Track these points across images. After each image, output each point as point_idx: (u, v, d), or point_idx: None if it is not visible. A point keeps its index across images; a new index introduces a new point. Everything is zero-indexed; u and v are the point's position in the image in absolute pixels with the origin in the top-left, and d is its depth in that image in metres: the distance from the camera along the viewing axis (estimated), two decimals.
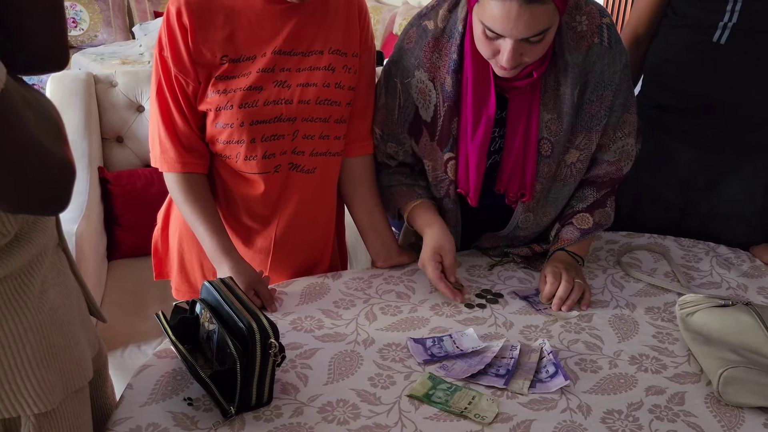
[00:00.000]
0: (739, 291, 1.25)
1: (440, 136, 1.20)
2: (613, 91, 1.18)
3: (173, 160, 1.18)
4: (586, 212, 1.25)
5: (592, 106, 1.17)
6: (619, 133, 1.23)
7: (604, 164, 1.24)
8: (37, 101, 0.64)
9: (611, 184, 1.27)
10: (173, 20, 1.11)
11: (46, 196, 0.63)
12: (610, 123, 1.21)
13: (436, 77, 1.17)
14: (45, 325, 0.70)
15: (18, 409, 0.69)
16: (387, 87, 1.24)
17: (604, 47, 1.15)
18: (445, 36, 1.17)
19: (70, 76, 1.96)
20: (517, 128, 1.17)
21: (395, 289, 1.22)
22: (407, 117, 1.23)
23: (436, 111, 1.19)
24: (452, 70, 1.15)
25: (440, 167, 1.22)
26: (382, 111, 1.25)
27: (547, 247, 1.29)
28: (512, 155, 1.18)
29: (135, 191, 1.96)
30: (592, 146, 1.21)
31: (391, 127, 1.25)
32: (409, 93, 1.20)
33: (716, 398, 0.95)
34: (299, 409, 0.91)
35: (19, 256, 0.67)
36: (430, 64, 1.17)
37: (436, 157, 1.22)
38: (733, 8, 1.31)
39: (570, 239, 1.24)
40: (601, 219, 1.26)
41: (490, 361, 1.01)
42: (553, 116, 1.16)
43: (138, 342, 1.67)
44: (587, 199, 1.26)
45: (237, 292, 0.96)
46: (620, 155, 1.24)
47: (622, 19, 2.78)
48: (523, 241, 1.32)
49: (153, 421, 0.87)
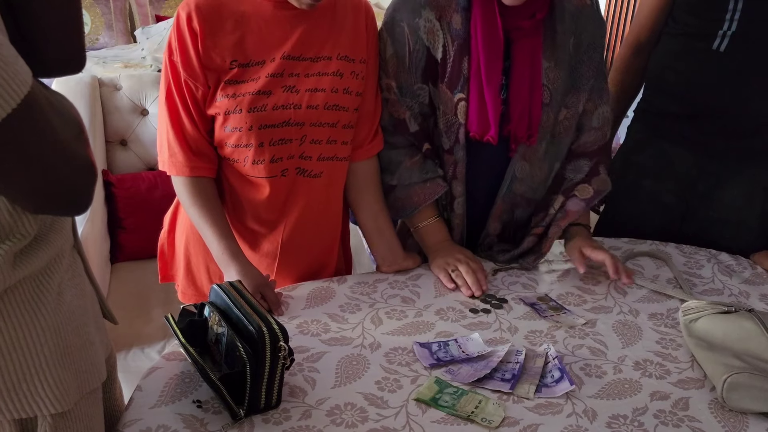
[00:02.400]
0: (741, 298, 1.26)
1: (450, 77, 1.20)
2: (600, 54, 1.27)
3: (182, 163, 1.19)
4: (585, 183, 1.32)
5: (583, 66, 1.26)
6: (599, 100, 1.31)
7: (592, 131, 1.32)
8: (59, 103, 0.64)
9: (600, 152, 1.34)
10: (183, 25, 1.12)
11: (70, 197, 0.64)
12: (595, 87, 1.29)
13: (443, 16, 1.18)
14: (62, 326, 0.70)
15: (35, 409, 0.69)
16: (393, 36, 1.22)
17: (594, 10, 1.26)
18: None
19: (74, 79, 1.97)
20: (524, 71, 1.20)
21: (400, 293, 1.23)
22: (419, 62, 1.21)
23: (444, 51, 1.19)
24: (461, 8, 1.17)
25: (450, 110, 1.22)
26: (393, 61, 1.23)
27: (545, 224, 1.32)
28: (521, 98, 1.21)
29: (139, 194, 1.97)
30: (579, 106, 1.28)
31: (405, 77, 1.23)
32: (418, 35, 1.20)
33: (720, 404, 0.96)
34: (308, 412, 0.91)
35: (38, 257, 0.67)
36: (437, 4, 1.18)
37: (445, 100, 1.22)
38: (732, 17, 1.33)
39: (578, 211, 1.31)
40: (599, 186, 1.33)
41: (496, 366, 1.01)
42: (551, 64, 1.22)
43: (141, 345, 1.68)
44: (583, 169, 1.33)
45: (246, 295, 0.96)
46: (602, 121, 1.32)
47: (623, 29, 2.80)
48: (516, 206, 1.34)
49: (162, 423, 0.87)
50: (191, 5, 1.12)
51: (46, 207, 0.64)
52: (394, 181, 1.30)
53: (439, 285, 1.26)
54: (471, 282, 1.20)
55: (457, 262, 1.24)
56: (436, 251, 1.30)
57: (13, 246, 0.65)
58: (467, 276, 1.21)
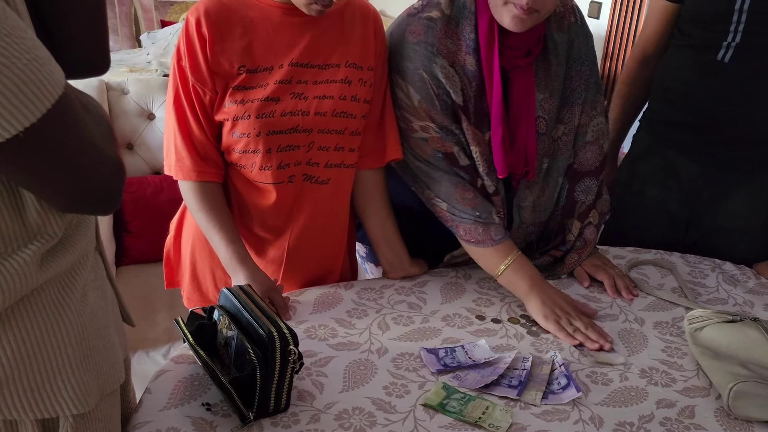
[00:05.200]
0: (746, 307, 1.27)
1: (476, 119, 1.22)
2: (589, 67, 1.29)
3: (189, 168, 1.19)
4: (593, 207, 1.35)
5: (573, 81, 1.28)
6: (593, 111, 1.32)
7: (587, 146, 1.32)
8: (90, 104, 0.66)
9: (602, 168, 1.35)
10: (192, 30, 1.13)
11: (101, 195, 0.65)
12: (587, 99, 1.30)
13: (456, 61, 1.20)
14: (86, 327, 0.71)
15: (57, 409, 0.70)
16: (414, 85, 1.20)
17: (578, 25, 1.28)
18: (453, 21, 1.20)
19: (82, 83, 1.97)
20: (521, 109, 1.23)
21: (407, 299, 1.24)
22: (447, 104, 1.21)
23: (465, 94, 1.21)
24: (472, 50, 1.19)
25: (486, 150, 1.23)
26: (423, 105, 1.21)
27: (565, 249, 1.33)
28: (518, 135, 1.23)
29: (144, 198, 1.98)
30: (575, 120, 1.30)
31: (440, 118, 1.21)
32: (438, 80, 1.19)
33: (726, 412, 0.96)
34: (316, 416, 0.92)
35: (64, 258, 0.68)
36: (447, 51, 1.19)
37: (479, 140, 1.23)
38: (737, 28, 1.34)
39: (594, 239, 1.35)
40: (602, 208, 1.37)
41: (503, 372, 1.02)
42: (545, 95, 1.25)
43: (146, 348, 1.68)
44: (592, 189, 1.34)
45: (256, 299, 0.97)
46: (597, 133, 1.33)
47: (627, 42, 2.82)
48: (529, 235, 1.35)
49: (172, 425, 0.88)
50: (200, 11, 1.13)
51: (78, 205, 0.65)
52: (445, 207, 1.25)
53: (446, 291, 1.27)
54: (596, 338, 1.12)
55: (569, 317, 1.16)
56: (530, 291, 1.20)
57: (41, 247, 0.66)
58: (589, 332, 1.13)
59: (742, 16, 1.33)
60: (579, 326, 1.14)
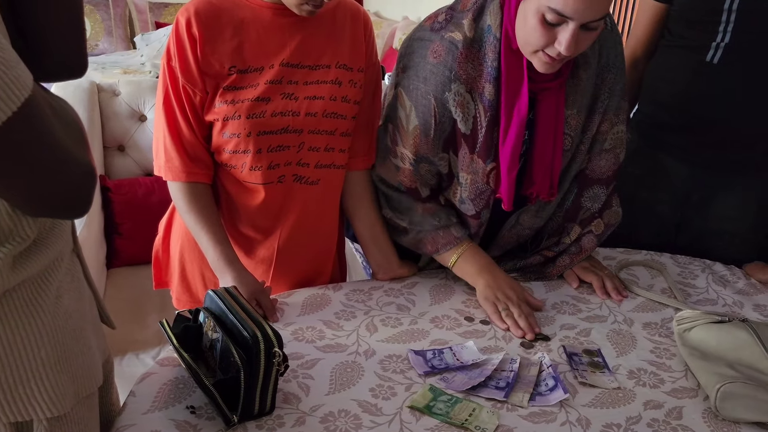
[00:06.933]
0: (735, 308, 1.27)
1: (482, 148, 1.18)
2: (615, 74, 1.23)
3: (178, 169, 1.19)
4: (599, 216, 1.33)
5: (597, 89, 1.23)
6: (616, 119, 1.27)
7: (603, 153, 1.29)
8: (60, 107, 0.65)
9: (614, 177, 1.32)
10: (182, 31, 1.13)
11: (70, 201, 0.65)
12: (610, 107, 1.25)
13: (474, 88, 1.15)
14: (60, 330, 0.70)
15: (31, 412, 0.69)
16: (418, 107, 1.18)
17: (608, 31, 1.22)
18: (475, 45, 1.14)
19: (73, 84, 1.97)
20: (548, 130, 1.19)
21: (395, 301, 1.23)
22: (443, 133, 1.19)
23: (475, 123, 1.17)
24: (493, 78, 1.13)
25: (481, 179, 1.20)
26: (415, 134, 1.19)
27: (558, 251, 1.32)
28: (545, 157, 1.20)
29: (135, 200, 1.97)
30: (594, 127, 1.25)
31: (426, 149, 1.20)
32: (446, 107, 1.16)
33: (713, 413, 0.96)
34: (301, 418, 0.91)
35: (37, 261, 0.67)
36: (467, 76, 1.14)
37: (476, 170, 1.20)
38: (725, 29, 1.34)
39: (591, 248, 1.33)
40: (610, 219, 1.35)
41: (490, 374, 1.02)
42: (572, 111, 1.20)
43: (136, 350, 1.67)
44: (600, 198, 1.32)
45: (241, 302, 0.96)
46: (615, 142, 1.29)
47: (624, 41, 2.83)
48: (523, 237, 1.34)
49: (156, 428, 0.87)
50: (191, 11, 1.13)
51: (45, 211, 0.65)
52: (405, 223, 1.28)
53: (435, 293, 1.26)
54: (524, 326, 1.14)
55: (509, 302, 1.18)
56: (479, 276, 1.24)
57: (12, 249, 0.65)
58: (520, 320, 1.15)
59: (731, 15, 1.33)
60: (513, 312, 1.16)
